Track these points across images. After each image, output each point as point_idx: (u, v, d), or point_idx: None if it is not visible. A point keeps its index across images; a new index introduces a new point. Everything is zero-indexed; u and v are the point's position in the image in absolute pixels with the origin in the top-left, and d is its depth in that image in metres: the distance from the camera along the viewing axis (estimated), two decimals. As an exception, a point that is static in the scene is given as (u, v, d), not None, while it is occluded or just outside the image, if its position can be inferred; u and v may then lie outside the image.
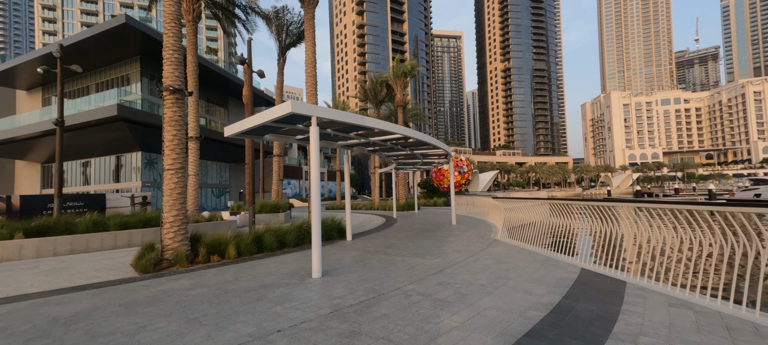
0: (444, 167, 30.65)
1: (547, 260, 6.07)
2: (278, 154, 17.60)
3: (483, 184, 54.95)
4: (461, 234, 9.85)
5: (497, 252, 6.99)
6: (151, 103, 28.47)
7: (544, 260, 6.08)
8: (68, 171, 30.92)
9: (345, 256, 7.04)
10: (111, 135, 25.49)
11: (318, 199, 5.63)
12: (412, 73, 24.36)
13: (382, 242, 8.81)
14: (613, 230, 5.21)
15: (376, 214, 19.37)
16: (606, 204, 5.44)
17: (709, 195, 37.69)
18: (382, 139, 8.41)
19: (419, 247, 7.91)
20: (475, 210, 16.91)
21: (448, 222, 13.53)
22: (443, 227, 11.86)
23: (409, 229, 11.80)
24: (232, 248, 6.81)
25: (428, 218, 15.59)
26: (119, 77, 29.37)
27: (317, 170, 5.55)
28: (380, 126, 6.76)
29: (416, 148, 10.83)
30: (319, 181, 5.27)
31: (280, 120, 5.75)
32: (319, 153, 5.36)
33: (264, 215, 15.33)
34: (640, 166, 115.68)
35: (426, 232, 10.75)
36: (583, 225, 5.98)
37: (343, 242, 8.97)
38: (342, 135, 7.45)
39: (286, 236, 8.10)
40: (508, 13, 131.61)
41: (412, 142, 9.50)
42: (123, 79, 29.16)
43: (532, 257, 6.35)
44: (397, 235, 10.27)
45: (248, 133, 6.90)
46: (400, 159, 15.10)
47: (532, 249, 7.08)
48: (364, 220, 15.66)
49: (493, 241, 8.41)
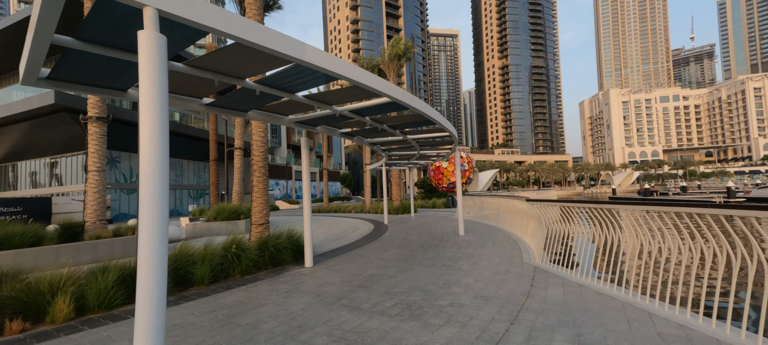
0: (443, 165, 27.56)
1: (689, 333, 2.93)
2: (239, 146, 14.39)
3: (483, 184, 52.03)
4: (477, 253, 6.72)
5: (557, 301, 3.85)
6: (114, 94, 25.11)
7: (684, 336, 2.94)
8: (20, 172, 27.34)
9: (276, 314, 3.86)
10: (62, 130, 22.06)
11: (158, 213, 2.26)
12: (408, 56, 21.25)
13: (356, 271, 5.66)
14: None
15: (364, 219, 16.22)
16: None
17: (728, 193, 34.99)
18: (355, 108, 5.26)
19: (414, 285, 4.75)
20: (484, 213, 13.81)
21: (454, 231, 10.41)
22: (448, 240, 8.72)
23: (402, 242, 8.65)
24: (61, 303, 3.59)
25: (427, 225, 12.46)
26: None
27: (159, 148, 2.26)
28: (341, 71, 3.53)
29: (411, 129, 7.71)
30: (166, 168, 1.83)
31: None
32: (163, 100, 2.14)
33: (220, 224, 12.09)
34: (641, 165, 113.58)
35: (425, 248, 7.61)
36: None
37: (296, 272, 5.79)
38: (277, 93, 4.26)
39: (195, 268, 4.91)
40: (505, 9, 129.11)
41: (408, 117, 6.35)
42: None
43: (641, 320, 3.22)
44: (382, 254, 7.13)
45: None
46: (393, 150, 11.96)
47: (620, 296, 3.96)
48: (347, 228, 12.49)
49: (533, 270, 5.29)
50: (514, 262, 5.85)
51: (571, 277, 4.75)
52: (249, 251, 5.65)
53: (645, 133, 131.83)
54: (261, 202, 6.58)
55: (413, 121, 6.49)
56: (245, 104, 4.66)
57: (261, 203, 6.59)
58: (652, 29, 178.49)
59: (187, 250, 5.27)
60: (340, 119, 5.62)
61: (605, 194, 65.90)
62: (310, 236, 6.17)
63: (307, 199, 6.11)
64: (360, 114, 5.51)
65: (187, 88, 3.96)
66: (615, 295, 3.97)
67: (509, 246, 7.46)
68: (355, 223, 14.66)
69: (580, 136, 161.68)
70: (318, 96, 4.61)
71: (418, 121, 6.47)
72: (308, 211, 6.15)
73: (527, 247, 7.27)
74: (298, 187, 53.89)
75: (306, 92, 4.50)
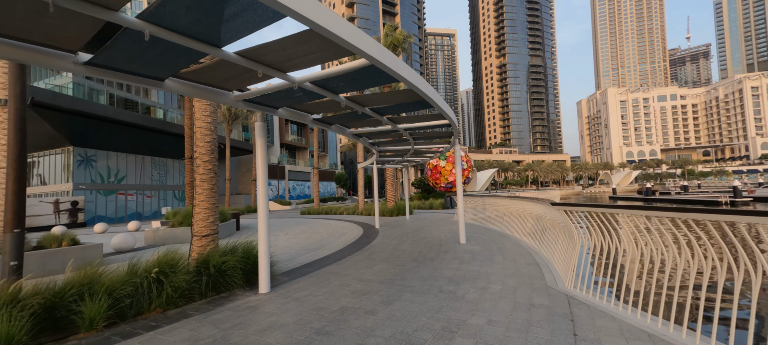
0: (441, 163, 26.12)
1: None
2: None
3: (481, 183, 50.70)
4: (485, 272, 5.25)
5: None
6: (90, 88, 23.43)
7: None
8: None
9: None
10: (32, 128, 20.34)
11: None
12: (404, 46, 19.81)
13: (323, 302, 4.16)
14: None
15: (354, 222, 14.71)
16: None
17: (734, 192, 33.88)
18: (320, 78, 3.76)
19: (400, 329, 3.25)
20: (486, 216, 12.36)
21: (453, 237, 8.94)
22: (447, 250, 7.24)
23: (392, 254, 7.15)
24: None
25: (423, 229, 10.98)
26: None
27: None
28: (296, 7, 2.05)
29: (401, 117, 6.25)
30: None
31: None
32: None
33: (186, 230, 10.50)
34: (639, 164, 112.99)
35: (418, 263, 6.13)
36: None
37: (242, 303, 4.28)
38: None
39: (84, 304, 3.39)
40: (503, 8, 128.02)
41: (397, 96, 4.87)
42: (52, 59, 23.99)
43: None
44: (365, 271, 5.64)
45: None
46: (383, 144, 10.49)
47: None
48: (332, 233, 10.98)
49: (567, 301, 3.81)
50: (537, 287, 4.37)
51: (630, 319, 3.27)
52: (178, 275, 4.13)
53: (643, 133, 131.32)
54: (206, 206, 5.07)
55: (403, 102, 5.00)
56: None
57: (206, 209, 5.08)
58: (648, 29, 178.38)
59: (92, 273, 3.76)
60: (301, 96, 4.11)
61: (604, 194, 64.91)
62: (266, 253, 4.64)
63: (263, 202, 4.60)
64: (327, 87, 4.01)
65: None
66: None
67: (523, 259, 6.00)
68: (344, 227, 13.16)
69: (578, 136, 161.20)
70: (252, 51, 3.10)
71: (410, 101, 4.99)
72: (264, 220, 4.64)
73: (546, 261, 5.81)
74: (292, 187, 52.25)
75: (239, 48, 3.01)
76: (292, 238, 10.42)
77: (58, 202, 21.12)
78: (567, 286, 4.36)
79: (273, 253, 7.67)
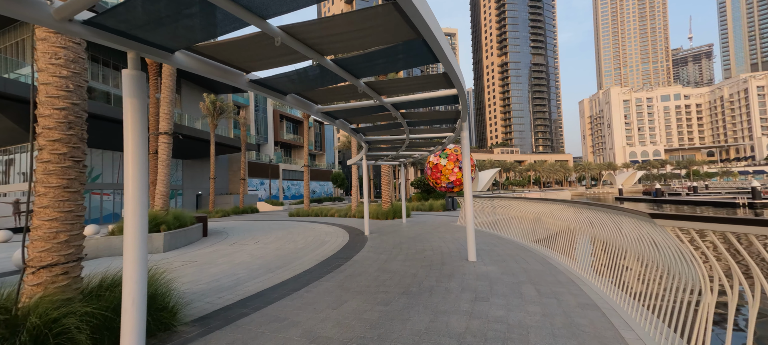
0: (442, 162, 24.10)
1: None
2: (166, 131, 10.75)
3: (483, 183, 48.75)
4: (514, 320, 3.22)
5: None
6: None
7: None
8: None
9: None
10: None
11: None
12: (399, 31, 17.78)
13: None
14: None
15: (342, 227, 12.68)
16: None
17: (753, 193, 31.86)
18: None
19: None
20: (496, 220, 10.35)
21: (458, 251, 6.92)
22: (452, 275, 5.22)
23: (374, 280, 5.13)
24: None
25: (421, 238, 8.95)
26: (15, 44, 22.23)
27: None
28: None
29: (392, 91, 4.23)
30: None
31: None
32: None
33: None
34: (643, 164, 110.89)
35: (411, 299, 4.12)
36: None
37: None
38: None
39: None
40: (505, 6, 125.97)
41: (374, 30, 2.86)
42: (17, 46, 22.04)
43: None
44: (326, 319, 3.62)
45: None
46: (370, 132, 8.52)
47: None
48: (311, 242, 8.95)
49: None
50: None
51: None
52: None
53: (646, 133, 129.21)
54: (54, 216, 3.00)
55: (386, 54, 3.00)
56: None
57: (54, 219, 3.01)
58: (651, 28, 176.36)
59: None
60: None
61: (609, 195, 62.92)
62: (137, 303, 2.62)
63: (134, 212, 2.62)
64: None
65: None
66: None
67: (570, 295, 3.98)
68: (328, 232, 11.13)
69: (580, 136, 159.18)
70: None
71: (397, 50, 2.99)
72: (134, 245, 2.64)
73: (606, 299, 3.81)
74: (286, 187, 50.21)
75: None
76: (259, 249, 8.41)
77: (18, 203, 19.12)
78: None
79: (213, 274, 5.65)
